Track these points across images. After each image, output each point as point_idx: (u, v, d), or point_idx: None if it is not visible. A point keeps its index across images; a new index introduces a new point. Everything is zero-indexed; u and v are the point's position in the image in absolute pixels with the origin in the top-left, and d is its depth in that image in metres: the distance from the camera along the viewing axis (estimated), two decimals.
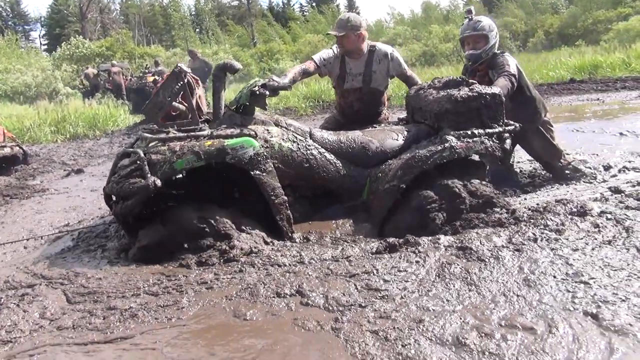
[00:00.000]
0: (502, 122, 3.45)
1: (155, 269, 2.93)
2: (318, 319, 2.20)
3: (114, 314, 2.39)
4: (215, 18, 49.50)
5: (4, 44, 32.00)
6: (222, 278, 2.69)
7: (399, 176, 3.26)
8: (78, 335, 2.25)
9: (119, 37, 32.75)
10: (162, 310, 2.40)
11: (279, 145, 3.35)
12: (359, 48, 4.14)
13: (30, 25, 54.10)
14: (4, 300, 2.62)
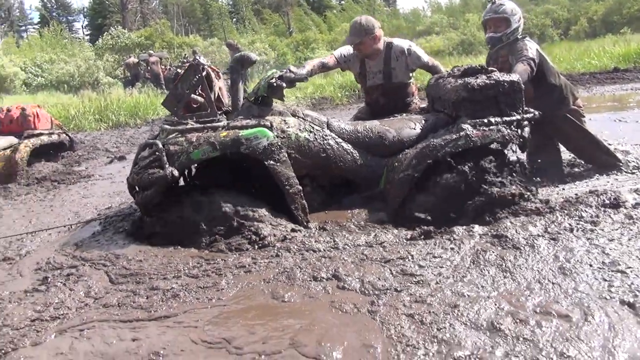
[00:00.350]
0: (522, 109, 3.39)
1: (194, 252, 3.04)
2: (354, 302, 2.26)
3: (157, 294, 2.50)
4: (252, 7, 49.71)
5: (49, 35, 33.02)
6: (260, 262, 2.78)
7: (413, 165, 3.26)
8: (123, 312, 2.37)
9: (157, 27, 33.27)
10: (203, 291, 2.50)
11: (296, 136, 3.41)
12: (376, 49, 4.15)
13: (74, 16, 55.64)
14: (51, 280, 2.77)
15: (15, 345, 2.15)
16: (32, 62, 23.63)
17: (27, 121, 7.03)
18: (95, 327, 2.27)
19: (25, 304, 2.52)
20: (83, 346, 2.14)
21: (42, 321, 2.34)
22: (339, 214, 3.44)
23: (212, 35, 39.56)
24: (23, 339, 2.19)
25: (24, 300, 2.57)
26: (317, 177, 3.57)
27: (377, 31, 4.07)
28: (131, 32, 31.49)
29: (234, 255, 2.92)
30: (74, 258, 3.12)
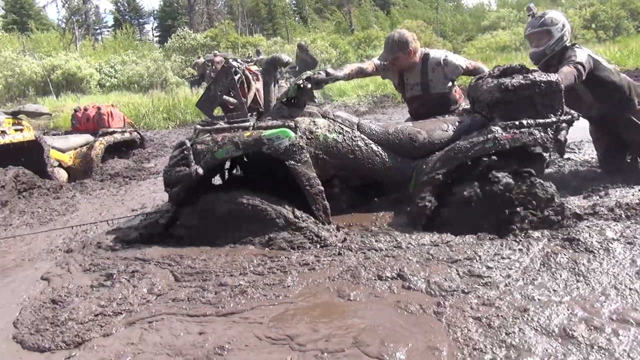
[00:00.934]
0: (561, 111, 3.20)
1: (256, 251, 3.08)
2: (420, 303, 2.23)
3: (225, 290, 2.56)
4: (314, 5, 50.02)
5: (122, 38, 34.57)
6: (323, 260, 2.79)
7: (437, 168, 3.18)
8: (192, 307, 2.44)
9: (223, 27, 34.08)
10: (269, 288, 2.54)
11: (324, 137, 3.42)
12: (411, 63, 4.07)
13: (145, 19, 57.89)
14: (115, 276, 2.87)
15: (80, 339, 2.24)
16: (106, 63, 24.75)
17: (102, 120, 7.40)
18: (164, 320, 2.35)
19: (91, 299, 2.62)
20: (152, 337, 2.23)
21: (105, 316, 2.43)
22: (364, 217, 3.43)
23: (276, 34, 40.11)
24: (88, 333, 2.28)
25: (90, 295, 2.68)
26: (346, 178, 3.58)
27: (412, 46, 3.96)
28: (197, 33, 32.42)
29: (296, 253, 2.94)
30: (139, 254, 3.20)
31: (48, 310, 2.54)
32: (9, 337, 2.36)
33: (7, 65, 20.55)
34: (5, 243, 4.10)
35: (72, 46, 31.55)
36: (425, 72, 4.07)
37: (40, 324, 2.40)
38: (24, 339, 2.31)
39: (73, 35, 34.61)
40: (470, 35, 36.26)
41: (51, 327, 2.36)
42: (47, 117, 9.29)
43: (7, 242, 4.12)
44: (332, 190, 3.53)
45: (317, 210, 3.31)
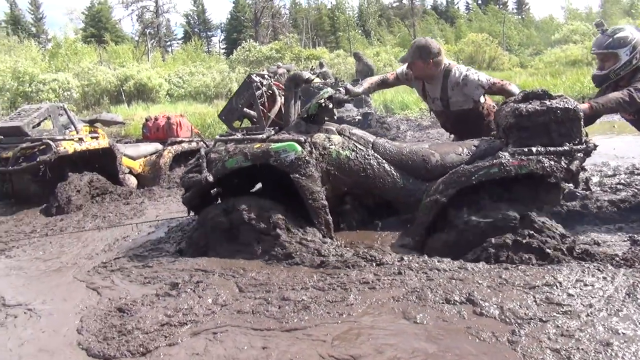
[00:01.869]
0: (579, 140, 3.05)
1: (314, 267, 3.03)
2: (493, 330, 2.11)
3: (289, 304, 2.52)
4: (378, 18, 50.09)
5: (191, 49, 35.84)
6: (383, 279, 2.70)
7: (440, 190, 3.14)
8: (256, 320, 2.42)
9: (287, 40, 34.64)
10: (332, 305, 2.48)
11: (337, 153, 3.48)
12: (429, 75, 3.97)
13: (212, 32, 59.85)
14: (181, 286, 2.87)
15: (145, 349, 2.24)
16: (175, 74, 25.71)
17: (171, 129, 7.64)
18: (228, 332, 2.34)
19: (157, 308, 2.63)
20: (216, 349, 2.21)
21: (171, 326, 2.43)
22: (368, 234, 3.45)
23: (339, 47, 40.44)
24: (152, 343, 2.28)
25: (156, 304, 2.69)
26: (359, 196, 3.60)
27: (434, 58, 3.88)
28: (262, 46, 33.11)
29: (354, 271, 2.87)
30: (199, 265, 3.22)
31: (115, 318, 2.56)
32: (74, 343, 2.38)
33: (84, 75, 21.70)
34: (64, 243, 4.27)
35: (144, 58, 32.98)
36: (445, 89, 3.97)
37: (108, 332, 2.42)
38: (90, 346, 2.31)
39: (145, 47, 36.20)
40: (537, 49, 35.19)
41: (118, 335, 2.38)
42: (119, 125, 9.70)
43: (64, 242, 4.28)
44: (344, 207, 3.61)
45: (319, 224, 3.36)
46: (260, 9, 44.74)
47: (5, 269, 3.71)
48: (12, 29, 37.03)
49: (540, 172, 2.99)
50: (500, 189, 3.11)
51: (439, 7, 56.36)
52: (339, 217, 3.60)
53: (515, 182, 3.08)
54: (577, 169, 3.01)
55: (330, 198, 3.47)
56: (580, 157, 3.03)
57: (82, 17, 49.40)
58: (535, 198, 3.11)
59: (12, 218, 5.43)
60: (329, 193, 3.47)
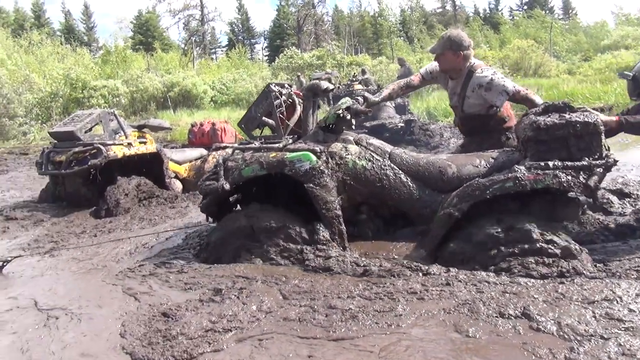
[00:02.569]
0: (599, 154, 2.95)
1: (357, 276, 2.99)
2: (550, 347, 2.03)
3: (336, 313, 2.48)
4: (421, 25, 49.75)
5: (235, 57, 36.48)
6: (431, 290, 2.65)
7: (454, 204, 3.09)
8: (302, 328, 2.39)
9: (329, 47, 34.83)
10: (380, 315, 2.43)
11: (353, 163, 3.48)
12: (456, 68, 3.86)
13: (256, 39, 60.73)
14: (225, 292, 2.86)
15: (189, 355, 2.22)
16: (219, 81, 26.19)
17: (216, 135, 7.77)
18: (274, 339, 2.32)
19: (202, 314, 2.61)
20: (261, 356, 2.19)
21: (215, 332, 2.41)
22: (382, 245, 3.44)
23: (381, 53, 40.30)
24: (197, 349, 2.27)
25: (201, 310, 2.67)
26: (375, 206, 3.59)
27: (464, 51, 3.76)
28: (304, 53, 33.36)
29: (400, 280, 2.82)
30: (240, 271, 3.21)
31: (160, 323, 2.55)
32: (117, 347, 2.37)
33: (132, 81, 22.34)
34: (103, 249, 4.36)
35: (190, 65, 33.73)
36: (465, 88, 3.85)
37: (153, 337, 2.41)
38: (134, 351, 2.31)
39: (191, 55, 37.02)
40: (586, 56, 34.13)
41: (162, 340, 2.37)
42: (166, 131, 9.94)
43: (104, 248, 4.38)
44: (360, 216, 3.61)
45: (332, 234, 3.35)
46: (303, 16, 45.14)
47: (50, 269, 3.77)
48: (66, 37, 38.52)
49: (556, 187, 2.92)
50: (517, 202, 3.07)
51: (483, 13, 55.55)
52: (355, 227, 3.59)
53: (533, 196, 3.04)
54: (596, 184, 2.92)
55: (346, 208, 3.49)
56: (600, 172, 2.94)
57: (131, 26, 51.02)
58: (553, 213, 3.05)
59: (63, 219, 5.61)
60: (344, 203, 3.49)
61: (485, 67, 3.87)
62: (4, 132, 13.91)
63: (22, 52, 25.20)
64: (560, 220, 3.05)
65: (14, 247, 4.58)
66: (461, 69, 3.85)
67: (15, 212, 5.94)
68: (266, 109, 4.25)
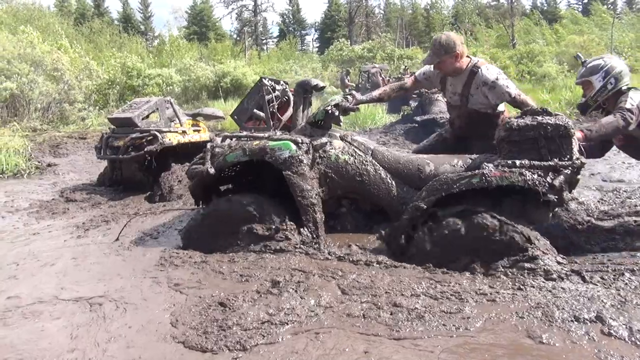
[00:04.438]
0: (570, 157, 3.02)
1: (419, 271, 2.93)
2: (622, 354, 1.94)
3: (402, 312, 2.41)
4: (475, 18, 48.60)
5: (286, 48, 36.69)
6: (502, 292, 2.55)
7: (422, 197, 3.19)
8: (364, 324, 2.34)
9: (380, 39, 34.48)
10: (447, 317, 2.35)
11: (336, 157, 3.62)
12: (457, 68, 3.77)
13: (307, 30, 60.93)
14: (282, 284, 2.82)
15: (242, 346, 2.21)
16: (270, 71, 26.41)
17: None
18: (331, 334, 2.29)
19: (259, 306, 2.59)
20: (316, 349, 2.18)
21: (271, 324, 2.39)
22: (357, 237, 3.56)
23: None
24: (250, 341, 2.25)
25: (258, 302, 2.64)
26: (356, 201, 3.71)
27: (459, 49, 3.69)
28: (355, 45, 33.22)
29: (463, 279, 2.74)
30: (297, 264, 3.16)
31: (217, 313, 2.54)
32: (168, 335, 2.36)
33: (186, 71, 22.81)
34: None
35: (241, 55, 34.17)
36: (468, 86, 3.78)
37: (209, 326, 2.40)
38: (187, 339, 2.31)
39: (243, 45, 37.48)
40: None
41: (218, 329, 2.36)
42: (218, 120, 10.09)
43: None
44: (340, 209, 3.73)
45: (306, 221, 3.47)
46: (355, 8, 44.90)
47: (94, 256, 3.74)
48: (124, 26, 39.70)
49: (521, 184, 2.99)
50: (488, 201, 3.10)
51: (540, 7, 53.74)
52: (335, 220, 3.72)
53: (505, 196, 3.10)
54: (562, 185, 2.98)
55: (326, 201, 3.61)
56: (566, 173, 3.00)
57: (186, 16, 52.12)
58: (523, 214, 3.09)
59: (119, 203, 5.78)
60: (325, 195, 3.61)
61: (490, 65, 3.84)
62: (65, 117, 14.44)
63: (83, 41, 26.13)
64: (530, 221, 3.07)
65: (70, 225, 4.75)
66: (462, 67, 3.78)
67: (74, 194, 6.16)
68: (257, 102, 4.35)
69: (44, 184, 7.09)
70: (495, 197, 3.11)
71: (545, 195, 2.98)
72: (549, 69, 23.71)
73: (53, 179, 7.50)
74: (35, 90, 13.44)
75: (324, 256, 3.25)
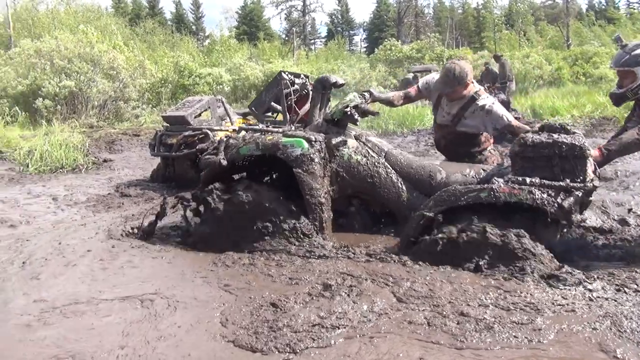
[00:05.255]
0: (583, 178, 2.95)
1: (479, 279, 2.81)
2: None
3: (469, 322, 2.32)
4: (529, 19, 47.33)
5: (334, 48, 36.75)
6: (577, 304, 2.43)
7: (430, 206, 3.19)
8: (426, 332, 2.27)
9: (429, 40, 34.02)
10: (518, 328, 2.24)
11: (349, 156, 3.60)
12: (463, 95, 3.86)
13: (355, 31, 60.87)
14: (334, 288, 2.72)
15: (291, 349, 2.16)
16: (318, 71, 26.49)
17: None
18: (386, 339, 2.23)
19: (311, 308, 2.52)
20: (369, 354, 2.13)
21: (322, 328, 2.32)
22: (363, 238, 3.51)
23: (483, 47, 38.88)
24: (299, 344, 2.19)
25: (309, 304, 2.58)
26: (367, 201, 3.70)
27: (469, 79, 3.80)
28: (403, 45, 32.88)
29: (536, 290, 2.62)
30: (355, 269, 3.06)
31: (269, 313, 2.50)
32: (217, 335, 2.33)
33: (235, 70, 23.17)
34: None
35: (290, 54, 34.43)
36: (465, 109, 3.86)
37: (259, 326, 2.37)
38: (237, 338, 2.28)
39: (291, 45, 37.77)
40: None
41: (268, 330, 2.32)
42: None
43: None
44: (349, 208, 3.72)
45: (313, 219, 3.45)
46: (404, 8, 44.52)
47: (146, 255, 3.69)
48: (176, 27, 40.70)
49: (530, 203, 2.93)
50: (498, 216, 3.03)
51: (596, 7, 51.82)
52: (343, 219, 3.71)
53: (515, 212, 3.03)
54: (571, 207, 2.89)
55: (336, 199, 3.61)
56: (577, 195, 2.91)
57: (236, 16, 52.97)
58: (531, 231, 2.98)
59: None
60: (335, 194, 3.60)
61: (487, 95, 3.94)
62: (119, 114, 14.95)
63: (138, 40, 26.94)
64: (538, 238, 2.98)
65: (123, 218, 4.87)
66: (465, 95, 3.86)
67: (129, 189, 6.34)
68: (275, 95, 4.37)
69: (100, 179, 7.33)
70: (505, 211, 3.05)
71: (554, 215, 2.92)
72: (605, 71, 22.81)
73: (109, 174, 7.76)
74: (93, 88, 13.96)
75: (365, 259, 3.17)
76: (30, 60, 14.80)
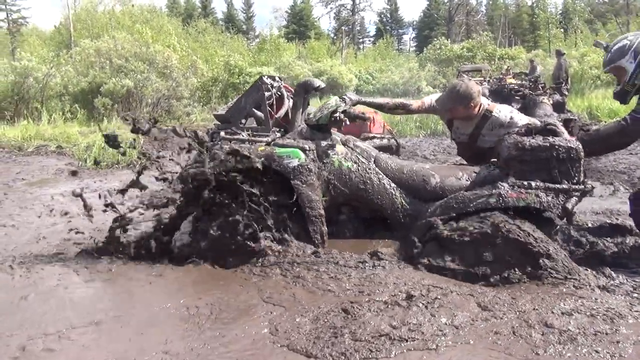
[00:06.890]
0: (577, 180, 3.05)
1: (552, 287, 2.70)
2: None
3: (553, 333, 2.20)
4: (585, 17, 45.63)
5: (382, 47, 36.56)
6: None
7: (437, 213, 3.18)
8: (504, 342, 2.16)
9: (480, 39, 33.35)
10: (599, 340, 2.14)
11: (339, 163, 3.48)
12: (468, 117, 3.73)
13: (404, 29, 60.35)
14: (416, 297, 2.54)
15: (346, 358, 2.05)
16: (366, 70, 26.44)
17: (364, 125, 7.80)
18: (455, 350, 2.13)
19: (383, 317, 2.37)
20: None
21: (389, 339, 2.18)
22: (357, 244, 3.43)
23: (537, 46, 37.81)
24: (355, 354, 2.07)
25: (383, 313, 2.41)
26: (357, 208, 3.60)
27: (474, 102, 3.64)
28: (454, 44, 32.36)
29: (617, 301, 2.52)
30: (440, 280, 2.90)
31: (338, 319, 2.36)
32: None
33: (284, 69, 23.43)
34: None
35: (338, 53, 34.50)
36: (480, 128, 3.75)
37: (323, 332, 2.26)
38: (292, 342, 2.19)
39: (340, 44, 37.82)
40: None
41: (329, 336, 2.21)
42: None
43: None
44: (340, 216, 3.62)
45: (313, 232, 3.36)
46: (455, 6, 43.81)
47: None
48: (227, 26, 41.46)
49: (537, 206, 3.02)
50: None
51: None
52: (334, 227, 3.57)
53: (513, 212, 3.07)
54: (573, 208, 3.03)
55: (327, 208, 3.47)
56: (577, 196, 3.04)
57: (286, 16, 53.47)
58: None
59: None
60: (326, 203, 3.47)
61: (500, 106, 3.82)
62: (172, 112, 15.37)
63: (190, 39, 27.60)
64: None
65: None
66: (473, 115, 3.73)
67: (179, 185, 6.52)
68: (256, 101, 4.26)
69: (153, 175, 7.54)
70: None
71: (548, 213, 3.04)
72: None
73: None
74: (148, 87, 14.41)
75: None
76: (90, 59, 15.42)
